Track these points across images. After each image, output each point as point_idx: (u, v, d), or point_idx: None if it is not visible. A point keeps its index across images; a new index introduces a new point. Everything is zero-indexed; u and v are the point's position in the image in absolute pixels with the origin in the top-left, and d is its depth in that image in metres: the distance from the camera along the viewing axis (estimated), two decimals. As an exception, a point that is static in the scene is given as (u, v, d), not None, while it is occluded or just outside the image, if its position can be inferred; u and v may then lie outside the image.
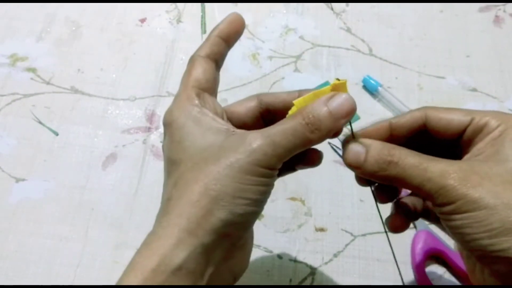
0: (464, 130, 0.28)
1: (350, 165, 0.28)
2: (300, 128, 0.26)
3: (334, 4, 0.61)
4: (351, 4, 0.61)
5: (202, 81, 0.30)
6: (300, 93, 0.30)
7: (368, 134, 0.29)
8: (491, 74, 0.56)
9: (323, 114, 0.26)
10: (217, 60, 0.31)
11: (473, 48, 0.58)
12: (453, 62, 0.57)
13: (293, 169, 0.32)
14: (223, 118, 0.30)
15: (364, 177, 0.29)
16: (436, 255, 0.44)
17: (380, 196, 0.32)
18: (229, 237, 0.27)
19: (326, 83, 0.28)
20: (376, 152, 0.27)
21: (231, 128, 0.29)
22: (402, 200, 0.33)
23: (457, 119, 0.28)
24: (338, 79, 0.27)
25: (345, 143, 0.29)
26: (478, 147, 0.27)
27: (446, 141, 0.29)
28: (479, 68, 0.56)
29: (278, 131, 0.27)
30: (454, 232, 0.25)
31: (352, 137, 0.29)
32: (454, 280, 0.44)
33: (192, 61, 0.30)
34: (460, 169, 0.25)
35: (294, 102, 0.28)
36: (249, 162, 0.26)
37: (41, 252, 0.45)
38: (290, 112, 0.28)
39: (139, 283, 0.25)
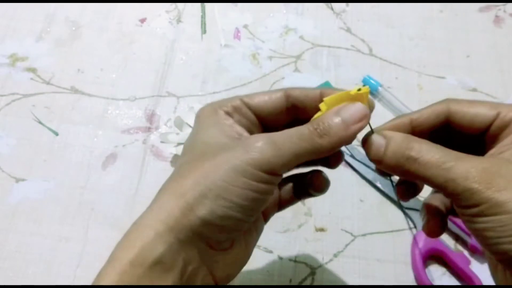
0: (490, 125, 0.27)
1: (372, 159, 0.28)
2: (307, 132, 0.26)
3: (334, 4, 0.61)
4: (351, 4, 0.61)
5: (260, 104, 0.30)
6: (322, 92, 0.29)
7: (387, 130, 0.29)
8: (491, 74, 0.56)
9: (334, 121, 0.26)
10: (290, 104, 0.30)
11: (473, 48, 0.58)
12: (453, 62, 0.57)
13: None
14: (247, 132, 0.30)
15: (387, 171, 0.28)
16: (436, 255, 0.44)
17: (400, 192, 0.31)
18: (205, 239, 0.26)
19: (326, 83, 0.28)
20: (396, 144, 0.26)
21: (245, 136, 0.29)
22: (432, 203, 0.31)
23: (482, 114, 0.27)
24: (359, 89, 0.27)
25: (366, 137, 0.28)
26: (504, 143, 0.26)
27: (470, 135, 0.28)
28: (479, 68, 0.56)
29: (283, 134, 0.26)
30: (476, 234, 0.25)
31: (372, 133, 0.28)
32: (454, 280, 0.44)
33: (279, 90, 0.30)
34: (485, 170, 0.24)
35: (324, 99, 0.27)
36: (244, 161, 0.25)
37: (41, 252, 0.45)
38: (321, 107, 0.28)
39: (117, 275, 0.24)
